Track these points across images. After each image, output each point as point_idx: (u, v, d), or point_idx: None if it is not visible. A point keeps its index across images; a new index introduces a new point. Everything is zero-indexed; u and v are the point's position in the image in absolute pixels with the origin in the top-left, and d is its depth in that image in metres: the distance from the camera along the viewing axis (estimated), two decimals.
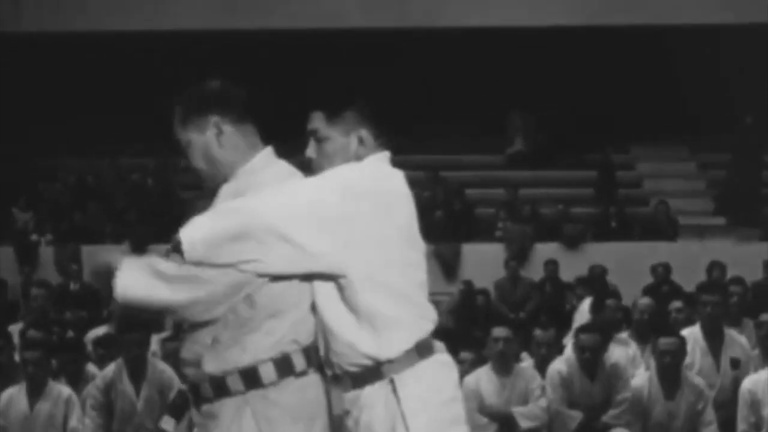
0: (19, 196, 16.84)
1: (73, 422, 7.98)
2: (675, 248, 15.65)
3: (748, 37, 16.99)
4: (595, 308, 9.27)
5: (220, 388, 3.57)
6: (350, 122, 3.69)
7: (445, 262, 15.81)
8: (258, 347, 3.54)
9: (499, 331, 7.85)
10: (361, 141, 3.68)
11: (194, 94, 3.73)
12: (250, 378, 3.54)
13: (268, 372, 3.55)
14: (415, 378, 3.58)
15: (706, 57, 17.19)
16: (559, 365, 7.97)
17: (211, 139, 3.67)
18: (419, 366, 3.59)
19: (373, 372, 3.58)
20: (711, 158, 18.42)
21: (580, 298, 10.75)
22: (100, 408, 8.08)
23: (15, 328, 9.20)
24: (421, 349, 3.61)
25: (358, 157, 3.67)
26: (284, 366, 3.56)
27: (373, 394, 3.60)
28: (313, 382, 3.64)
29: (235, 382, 3.55)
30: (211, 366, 3.55)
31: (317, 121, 3.69)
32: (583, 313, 9.23)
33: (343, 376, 3.62)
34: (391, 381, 3.58)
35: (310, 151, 3.71)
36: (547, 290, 14.54)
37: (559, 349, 8.40)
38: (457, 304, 14.07)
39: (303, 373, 3.59)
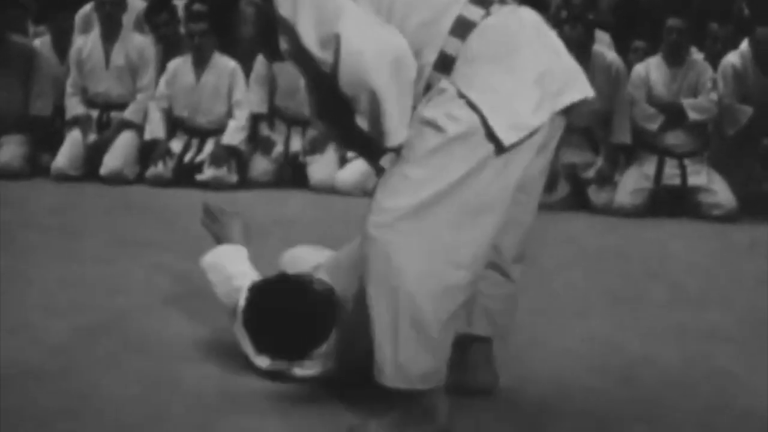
0: None
1: (238, 95, 8.08)
2: None
3: None
4: None
5: None
6: None
7: None
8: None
9: (674, 21, 7.58)
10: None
11: None
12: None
13: None
14: None
15: None
16: (732, 58, 7.71)
17: None
18: None
19: None
20: None
21: None
22: (264, 82, 8.14)
23: (180, 2, 9.19)
24: None
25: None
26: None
27: None
28: None
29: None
30: None
31: None
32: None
33: None
34: None
35: None
36: None
37: (734, 45, 8.09)
38: (619, 1, 13.66)
39: None
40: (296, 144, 8.15)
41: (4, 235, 6.02)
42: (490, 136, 3.02)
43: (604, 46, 8.19)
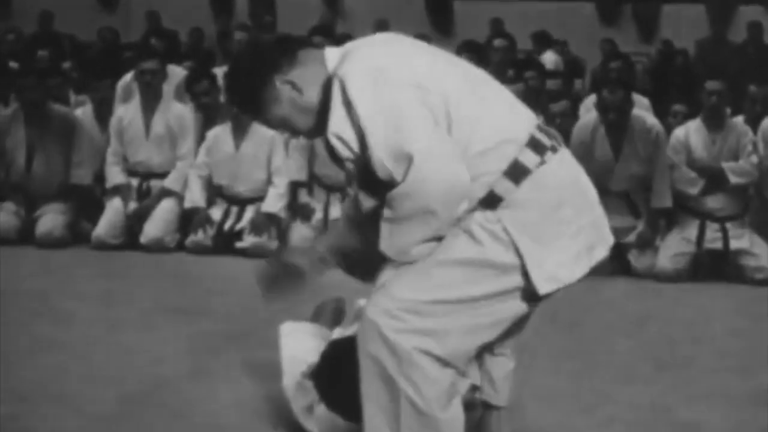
0: None
1: (277, 162, 8.10)
2: None
3: None
4: None
5: None
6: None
7: (643, 21, 15.35)
8: None
9: (713, 85, 7.55)
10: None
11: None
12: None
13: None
14: None
15: None
16: None
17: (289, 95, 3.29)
18: None
19: None
20: None
21: None
22: (303, 149, 8.17)
23: (219, 71, 9.28)
24: None
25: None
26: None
27: None
28: None
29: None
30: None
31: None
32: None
33: None
34: None
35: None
36: (750, 53, 13.99)
37: None
38: (654, 65, 13.73)
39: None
40: (335, 211, 8.13)
41: (46, 304, 6.05)
42: (525, 277, 3.13)
43: (643, 110, 8.18)
